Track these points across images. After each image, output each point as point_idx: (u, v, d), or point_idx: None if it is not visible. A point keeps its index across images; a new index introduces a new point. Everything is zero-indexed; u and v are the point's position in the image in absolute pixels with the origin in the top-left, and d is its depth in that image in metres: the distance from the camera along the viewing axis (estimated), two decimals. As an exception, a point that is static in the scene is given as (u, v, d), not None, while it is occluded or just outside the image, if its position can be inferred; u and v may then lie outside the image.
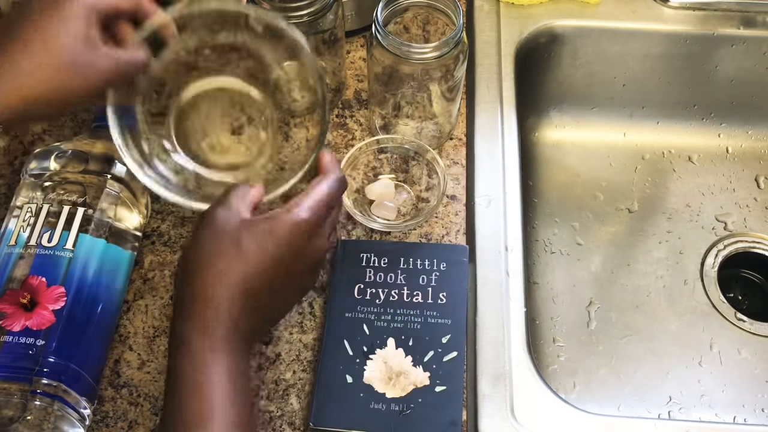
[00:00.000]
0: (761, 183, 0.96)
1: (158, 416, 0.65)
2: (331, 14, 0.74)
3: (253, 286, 0.52)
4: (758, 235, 0.92)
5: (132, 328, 0.70)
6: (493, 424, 0.64)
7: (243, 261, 0.52)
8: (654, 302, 0.88)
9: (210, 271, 0.51)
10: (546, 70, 0.94)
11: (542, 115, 0.99)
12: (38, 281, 0.63)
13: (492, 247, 0.73)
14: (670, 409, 0.81)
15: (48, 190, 0.68)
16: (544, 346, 0.84)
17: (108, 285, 0.67)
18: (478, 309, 0.70)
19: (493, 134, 0.81)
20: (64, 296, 0.63)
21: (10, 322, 0.61)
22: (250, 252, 0.52)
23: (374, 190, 0.77)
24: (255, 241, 0.52)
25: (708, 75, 0.94)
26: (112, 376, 0.67)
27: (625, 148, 0.99)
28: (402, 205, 0.77)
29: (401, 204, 0.77)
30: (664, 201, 0.95)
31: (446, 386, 0.65)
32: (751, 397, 0.81)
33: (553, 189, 0.96)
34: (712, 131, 0.99)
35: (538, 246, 0.91)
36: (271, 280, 0.53)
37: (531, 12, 0.90)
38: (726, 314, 0.86)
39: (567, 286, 0.89)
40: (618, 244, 0.92)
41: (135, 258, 0.72)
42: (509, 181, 0.78)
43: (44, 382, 0.59)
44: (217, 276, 0.51)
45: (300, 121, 0.75)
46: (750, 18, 0.90)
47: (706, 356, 0.84)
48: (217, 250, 0.52)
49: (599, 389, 0.82)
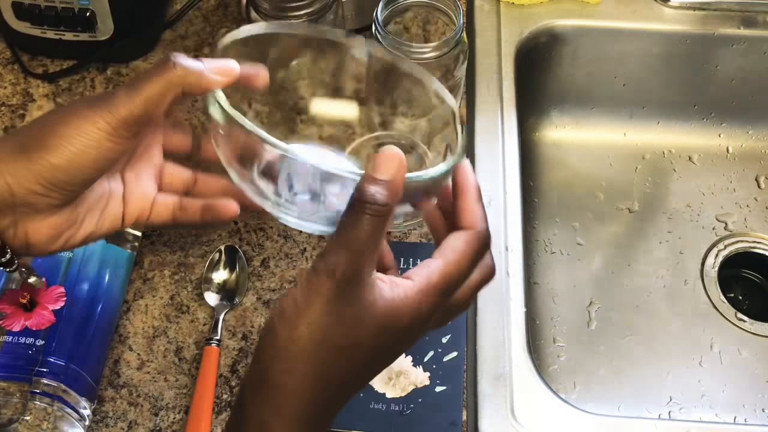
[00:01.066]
0: (762, 183, 0.96)
1: (158, 416, 0.65)
2: (331, 14, 0.74)
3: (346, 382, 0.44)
4: (759, 235, 0.92)
5: (132, 328, 0.70)
6: (493, 424, 0.64)
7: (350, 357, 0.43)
8: (654, 302, 0.88)
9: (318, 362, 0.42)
10: (546, 70, 0.94)
11: (542, 115, 0.99)
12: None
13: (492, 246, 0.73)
14: (671, 409, 0.81)
15: (48, 190, 0.68)
16: (544, 346, 0.84)
17: (108, 285, 0.67)
18: (478, 309, 0.70)
19: (493, 134, 0.81)
20: (63, 296, 0.63)
21: (9, 322, 0.61)
22: (359, 346, 0.43)
23: (374, 190, 0.77)
24: (369, 333, 0.42)
25: (708, 75, 0.94)
26: (111, 376, 0.67)
27: (626, 148, 0.99)
28: (402, 205, 0.77)
29: (401, 204, 0.77)
30: (665, 201, 0.95)
31: (446, 386, 0.65)
32: (751, 398, 0.81)
33: (553, 189, 0.96)
34: (712, 131, 0.99)
35: (538, 246, 0.91)
36: (366, 371, 0.45)
37: (531, 12, 0.90)
38: (726, 314, 0.86)
39: (567, 286, 0.89)
40: (618, 244, 0.92)
41: (135, 258, 0.72)
42: (509, 181, 0.78)
43: (44, 382, 0.59)
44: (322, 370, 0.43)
45: (308, 117, 0.74)
46: (750, 18, 0.90)
47: (707, 356, 0.84)
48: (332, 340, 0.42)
49: (599, 389, 0.82)
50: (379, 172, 0.41)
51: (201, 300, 0.71)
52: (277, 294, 0.72)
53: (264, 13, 0.72)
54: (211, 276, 0.72)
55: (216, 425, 0.65)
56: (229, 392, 0.67)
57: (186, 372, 0.68)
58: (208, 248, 0.74)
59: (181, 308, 0.71)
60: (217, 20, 0.90)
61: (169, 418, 0.66)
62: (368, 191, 0.41)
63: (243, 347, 0.69)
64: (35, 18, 0.79)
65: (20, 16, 0.80)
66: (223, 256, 0.73)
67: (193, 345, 0.69)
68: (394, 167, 0.41)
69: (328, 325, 0.41)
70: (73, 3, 0.78)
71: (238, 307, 0.71)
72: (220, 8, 0.91)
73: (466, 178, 0.46)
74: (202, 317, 0.70)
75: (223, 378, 0.67)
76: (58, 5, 0.78)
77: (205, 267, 0.72)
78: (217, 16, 0.90)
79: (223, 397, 0.66)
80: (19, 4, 0.79)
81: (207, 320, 0.70)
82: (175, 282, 0.72)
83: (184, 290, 0.72)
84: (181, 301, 0.71)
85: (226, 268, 0.72)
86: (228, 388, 0.67)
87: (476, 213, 0.45)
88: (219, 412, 0.66)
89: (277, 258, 0.73)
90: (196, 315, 0.71)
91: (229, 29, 0.88)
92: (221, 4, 0.91)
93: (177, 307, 0.71)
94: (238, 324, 0.70)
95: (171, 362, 0.68)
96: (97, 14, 0.79)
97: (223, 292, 0.71)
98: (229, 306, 0.70)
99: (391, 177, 0.41)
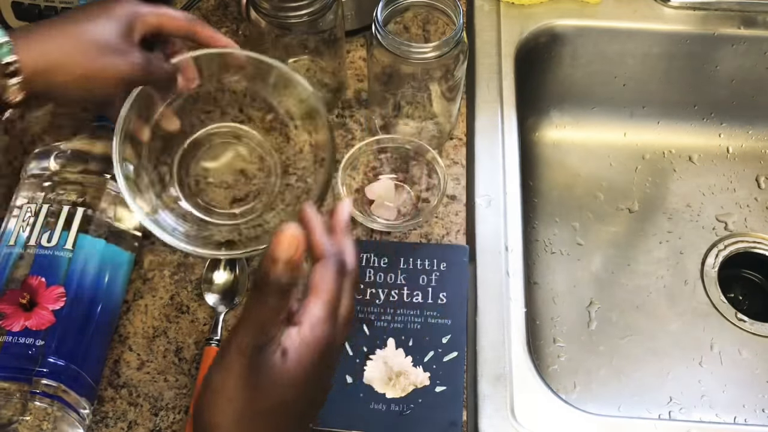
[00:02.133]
0: (762, 183, 0.96)
1: (158, 416, 0.65)
2: (331, 14, 0.74)
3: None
4: (759, 235, 0.92)
5: (132, 329, 0.70)
6: (493, 425, 0.64)
7: (254, 399, 0.46)
8: (654, 302, 0.88)
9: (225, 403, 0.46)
10: (546, 70, 0.94)
11: (542, 114, 0.99)
12: (38, 281, 0.63)
13: (492, 247, 0.73)
14: (671, 410, 0.81)
15: (48, 190, 0.68)
16: (544, 346, 0.84)
17: (108, 285, 0.67)
18: (478, 309, 0.70)
19: (493, 134, 0.81)
20: (63, 296, 0.63)
21: (9, 322, 0.61)
22: (262, 390, 0.46)
23: (374, 190, 0.77)
24: (268, 379, 0.46)
25: (708, 75, 0.94)
26: (111, 377, 0.67)
27: (626, 148, 0.99)
28: (402, 205, 0.77)
29: (401, 204, 0.77)
30: (665, 201, 0.95)
31: (446, 386, 0.65)
32: (751, 398, 0.81)
33: (553, 189, 0.96)
34: (712, 131, 0.98)
35: (538, 246, 0.91)
36: (283, 411, 0.47)
37: (531, 12, 0.90)
38: (726, 314, 0.86)
39: (567, 286, 0.89)
40: (618, 244, 0.92)
41: (135, 258, 0.72)
42: (509, 181, 0.78)
43: (44, 382, 0.59)
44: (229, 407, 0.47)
45: (300, 123, 0.76)
46: (750, 18, 0.90)
47: (707, 356, 0.84)
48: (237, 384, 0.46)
49: (599, 389, 0.82)
50: (278, 251, 0.44)
51: (201, 300, 0.71)
52: (277, 294, 0.72)
53: (264, 13, 0.72)
54: (211, 276, 0.72)
55: (216, 425, 0.65)
56: (229, 392, 0.67)
57: (186, 372, 0.68)
58: (208, 248, 0.74)
59: (181, 308, 0.71)
60: (217, 20, 0.90)
61: (169, 418, 0.66)
62: (271, 273, 0.44)
63: (243, 347, 0.69)
64: (35, 18, 0.79)
65: (20, 16, 0.80)
66: (223, 256, 0.73)
67: (193, 345, 0.69)
68: (293, 246, 0.44)
69: (246, 399, 0.45)
70: (72, 3, 0.78)
71: (238, 307, 0.71)
72: (220, 8, 0.91)
73: (308, 218, 0.50)
74: (202, 317, 0.70)
75: (223, 378, 0.67)
76: (58, 5, 0.78)
77: (205, 267, 0.72)
78: (216, 16, 0.90)
79: (223, 397, 0.66)
80: (19, 4, 0.79)
81: (207, 320, 0.70)
82: (175, 282, 0.72)
83: (184, 290, 0.72)
84: (181, 301, 0.71)
85: (226, 269, 0.72)
86: (228, 388, 0.67)
87: (321, 245, 0.49)
88: (219, 413, 0.65)
89: (277, 258, 0.73)
90: (196, 315, 0.71)
91: (229, 29, 0.88)
92: (221, 4, 0.91)
93: (177, 307, 0.71)
94: (238, 324, 0.70)
95: (171, 362, 0.68)
96: (97, 14, 0.79)
97: (223, 292, 0.71)
98: (229, 306, 0.70)
99: (289, 256, 0.44)
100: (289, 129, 0.78)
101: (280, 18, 0.72)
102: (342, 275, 0.49)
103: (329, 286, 0.48)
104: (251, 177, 0.78)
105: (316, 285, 0.48)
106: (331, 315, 0.48)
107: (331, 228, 0.52)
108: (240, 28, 0.89)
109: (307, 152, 0.76)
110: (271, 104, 0.75)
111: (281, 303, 0.45)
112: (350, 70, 0.86)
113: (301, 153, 0.77)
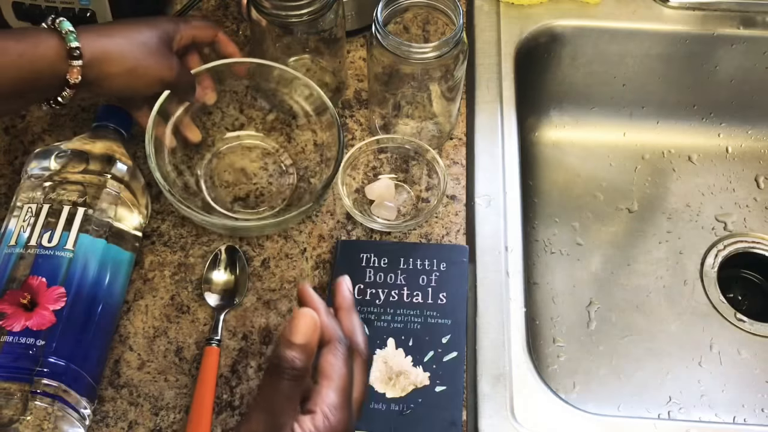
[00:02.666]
0: (761, 183, 0.96)
1: (158, 416, 0.65)
2: (331, 14, 0.74)
3: None
4: (758, 235, 0.92)
5: (132, 329, 0.70)
6: (493, 424, 0.64)
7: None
8: (654, 302, 0.88)
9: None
10: (546, 70, 0.94)
11: (542, 114, 0.99)
12: (38, 281, 0.63)
13: (492, 247, 0.73)
14: (670, 409, 0.81)
15: (48, 190, 0.68)
16: (544, 346, 0.84)
17: (108, 285, 0.67)
18: (478, 309, 0.70)
19: (493, 134, 0.81)
20: (64, 296, 0.63)
21: (10, 322, 0.61)
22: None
23: (374, 190, 0.77)
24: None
25: (708, 75, 0.94)
26: (112, 376, 0.67)
27: (625, 148, 0.99)
28: (402, 205, 0.77)
29: (401, 204, 0.77)
30: (664, 201, 0.95)
31: (446, 386, 0.65)
32: (750, 398, 0.81)
33: (553, 189, 0.96)
34: (711, 131, 0.99)
35: (538, 246, 0.91)
36: None
37: (531, 12, 0.90)
38: (726, 314, 0.86)
39: (567, 286, 0.89)
40: (618, 244, 0.92)
41: (135, 258, 0.72)
42: (509, 181, 0.78)
43: (44, 382, 0.59)
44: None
45: (304, 123, 0.77)
46: (750, 18, 0.90)
47: (706, 356, 0.84)
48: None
49: (599, 389, 0.82)
50: (296, 335, 0.44)
51: (201, 300, 0.71)
52: (277, 294, 0.72)
53: (265, 12, 0.72)
54: (212, 276, 0.72)
55: (216, 425, 0.65)
56: (230, 392, 0.67)
57: (186, 372, 0.68)
58: (209, 248, 0.74)
59: (182, 308, 0.71)
60: (217, 20, 0.90)
61: (170, 418, 0.66)
62: (286, 357, 0.44)
63: (243, 347, 0.69)
64: (36, 18, 0.79)
65: (21, 16, 0.80)
66: (223, 256, 0.73)
67: (193, 345, 0.69)
68: (310, 330, 0.45)
69: None
70: (73, 3, 0.78)
71: (238, 307, 0.71)
72: (220, 8, 0.91)
73: (310, 299, 0.50)
74: (203, 317, 0.70)
75: (223, 378, 0.67)
76: (59, 5, 0.78)
77: (205, 267, 0.72)
78: (217, 16, 0.90)
79: (223, 397, 0.66)
80: (19, 4, 0.79)
81: (207, 320, 0.70)
82: (175, 282, 0.72)
83: (185, 290, 0.72)
84: (181, 302, 0.71)
85: (226, 269, 0.72)
86: (228, 388, 0.67)
87: (327, 329, 0.48)
88: (219, 412, 0.66)
89: (277, 258, 0.74)
90: (196, 315, 0.71)
91: (229, 29, 0.88)
92: (221, 4, 0.91)
93: (177, 307, 0.71)
94: (238, 324, 0.70)
95: (171, 362, 0.68)
96: (98, 14, 0.79)
97: (224, 292, 0.71)
98: (229, 306, 0.70)
99: (307, 340, 0.45)
100: (291, 129, 0.78)
101: (281, 17, 0.72)
102: (352, 358, 0.49)
103: (341, 372, 0.47)
104: (251, 177, 0.78)
105: (327, 370, 0.47)
106: (346, 401, 0.47)
107: (336, 307, 0.52)
108: (240, 28, 0.89)
109: (310, 151, 0.77)
110: (282, 100, 0.76)
111: (295, 389, 0.45)
112: (350, 70, 0.86)
113: (303, 153, 0.77)
